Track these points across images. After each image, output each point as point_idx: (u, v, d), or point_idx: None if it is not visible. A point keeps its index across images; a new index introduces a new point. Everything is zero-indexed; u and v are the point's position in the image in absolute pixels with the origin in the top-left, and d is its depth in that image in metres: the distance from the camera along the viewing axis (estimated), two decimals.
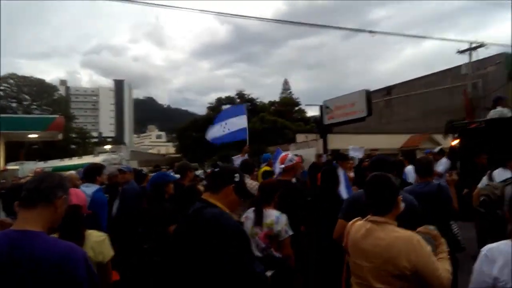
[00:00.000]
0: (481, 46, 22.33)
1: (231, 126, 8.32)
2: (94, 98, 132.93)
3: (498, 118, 7.58)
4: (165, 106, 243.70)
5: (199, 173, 16.22)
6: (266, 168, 7.31)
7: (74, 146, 48.48)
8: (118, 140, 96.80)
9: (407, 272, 1.99)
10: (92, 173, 4.87)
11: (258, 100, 60.58)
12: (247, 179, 4.62)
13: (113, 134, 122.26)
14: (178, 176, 5.04)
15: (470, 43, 22.62)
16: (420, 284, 2.02)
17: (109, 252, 2.58)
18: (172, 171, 9.33)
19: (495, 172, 5.24)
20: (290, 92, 69.85)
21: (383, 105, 36.00)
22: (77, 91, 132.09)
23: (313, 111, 63.80)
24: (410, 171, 7.61)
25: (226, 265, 2.02)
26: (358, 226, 2.28)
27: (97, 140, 77.66)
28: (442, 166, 8.27)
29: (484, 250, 2.02)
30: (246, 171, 5.58)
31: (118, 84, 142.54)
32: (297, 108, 58.49)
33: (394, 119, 35.26)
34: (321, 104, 19.11)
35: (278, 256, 3.26)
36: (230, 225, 2.10)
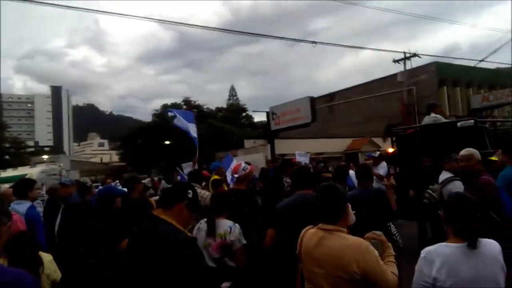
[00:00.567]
0: (414, 55, 23.89)
1: (192, 131, 7.89)
2: (29, 105, 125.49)
3: (433, 124, 8.14)
4: (107, 113, 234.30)
5: (146, 181, 15.79)
6: (215, 177, 7.28)
7: (8, 156, 45.29)
8: (56, 149, 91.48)
9: (358, 277, 2.10)
10: (23, 188, 4.60)
11: (205, 106, 60.21)
12: (199, 190, 4.61)
13: (51, 143, 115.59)
14: (125, 189, 4.90)
15: (404, 53, 24.12)
16: (369, 287, 2.14)
17: (58, 270, 2.62)
18: (118, 183, 9.01)
19: (441, 175, 5.53)
20: (237, 98, 70.29)
21: (327, 110, 37.30)
22: (10, 99, 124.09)
23: (260, 117, 64.64)
24: (353, 175, 7.95)
25: (185, 282, 2.02)
26: (310, 234, 2.37)
27: (33, 149, 72.93)
28: (383, 169, 8.80)
29: (423, 252, 2.19)
30: (196, 181, 5.55)
31: (56, 90, 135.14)
32: (244, 114, 58.92)
33: (337, 124, 36.61)
34: (267, 110, 19.39)
35: (233, 265, 3.28)
36: (183, 242, 2.09)
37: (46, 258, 2.58)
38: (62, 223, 5.34)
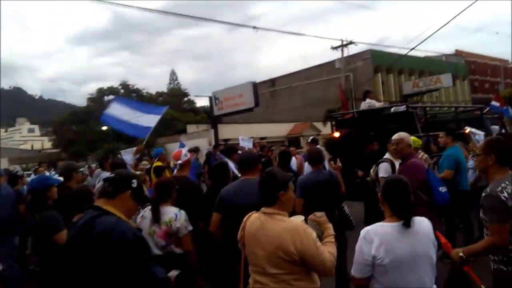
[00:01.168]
0: (351, 43, 24.77)
1: (144, 121, 7.09)
2: None
3: (368, 109, 8.55)
4: (36, 97, 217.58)
5: (83, 169, 15.05)
6: (158, 163, 7.11)
7: None
8: None
9: (295, 257, 2.20)
10: None
11: (145, 90, 58.26)
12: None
13: None
14: (61, 178, 4.63)
15: (342, 40, 24.93)
16: (308, 267, 2.25)
17: None
18: (53, 172, 8.49)
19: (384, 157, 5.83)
20: (178, 83, 68.66)
21: (269, 95, 37.77)
22: None
23: (202, 102, 63.88)
24: (294, 161, 8.12)
25: (129, 274, 1.97)
26: (253, 218, 2.44)
27: None
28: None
29: (362, 232, 2.32)
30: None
31: None
32: (186, 99, 57.86)
33: (279, 109, 37.28)
34: (210, 95, 19.20)
35: (179, 252, 3.26)
36: (127, 234, 2.02)
37: None
38: None
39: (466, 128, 6.72)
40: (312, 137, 10.25)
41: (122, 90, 56.60)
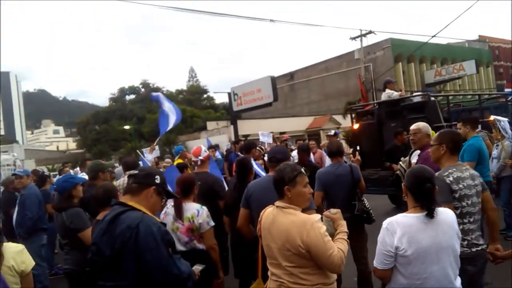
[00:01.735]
0: (370, 32, 24.33)
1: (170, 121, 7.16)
2: None
3: (388, 100, 8.41)
4: (60, 99, 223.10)
5: (117, 170, 15.21)
6: (179, 160, 7.21)
7: None
8: (9, 138, 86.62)
9: (302, 250, 2.21)
10: None
11: (165, 89, 58.96)
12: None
13: (2, 132, 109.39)
14: (86, 177, 4.76)
15: (361, 30, 24.52)
16: (315, 261, 2.24)
17: (30, 261, 2.53)
18: (79, 171, 8.73)
19: None
20: (197, 80, 69.15)
21: (288, 89, 37.57)
22: None
23: (221, 98, 64.15)
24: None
25: (155, 268, 2.01)
26: (268, 212, 2.48)
27: None
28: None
29: (385, 223, 2.30)
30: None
31: (4, 76, 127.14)
32: (205, 95, 58.23)
33: (298, 103, 37.05)
34: (229, 91, 19.26)
35: (202, 248, 3.30)
36: (152, 228, 2.07)
37: (11, 249, 2.44)
38: (19, 214, 5.20)
39: (490, 116, 6.52)
40: (332, 131, 10.16)
41: (143, 89, 57.46)
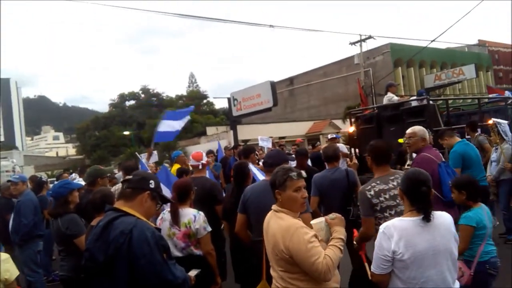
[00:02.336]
0: (369, 37, 24.39)
1: (176, 125, 7.47)
2: None
3: (388, 104, 8.41)
4: (60, 105, 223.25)
5: (118, 175, 15.17)
6: (177, 165, 7.17)
7: None
8: (8, 144, 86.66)
9: (286, 255, 2.17)
10: None
11: (165, 94, 59.04)
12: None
13: (1, 138, 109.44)
14: (82, 183, 4.73)
15: (360, 35, 24.58)
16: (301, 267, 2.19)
17: (15, 270, 2.48)
18: (75, 177, 8.69)
19: None
20: (197, 85, 69.30)
21: (287, 94, 37.61)
22: None
23: (221, 103, 64.19)
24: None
25: (150, 273, 1.98)
26: (267, 216, 2.45)
27: None
28: (344, 149, 9.02)
29: (381, 228, 2.27)
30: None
31: (4, 83, 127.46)
32: (205, 101, 58.29)
33: (298, 108, 37.05)
34: (228, 96, 19.24)
35: (199, 253, 3.27)
36: (146, 233, 2.03)
37: None
38: (15, 221, 5.16)
39: (490, 119, 6.51)
40: (333, 134, 10.12)
41: (143, 95, 57.53)
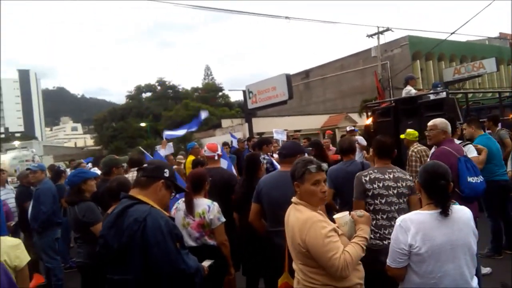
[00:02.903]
0: (387, 30, 23.96)
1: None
2: None
3: (405, 97, 8.26)
4: (79, 96, 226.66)
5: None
6: (192, 157, 7.21)
7: None
8: (28, 134, 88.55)
9: (302, 249, 2.14)
10: None
11: (181, 86, 59.34)
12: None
13: (21, 129, 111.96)
14: (98, 172, 4.79)
15: (378, 27, 24.17)
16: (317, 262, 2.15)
17: (25, 256, 2.48)
18: (90, 166, 8.86)
19: None
20: (213, 78, 69.45)
21: (303, 87, 37.34)
22: None
23: (236, 96, 64.24)
24: None
25: (163, 262, 2.00)
26: (288, 209, 2.41)
27: (3, 136, 70.59)
28: (363, 142, 8.90)
29: (398, 221, 2.23)
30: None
31: (24, 74, 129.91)
32: (220, 93, 58.37)
33: (313, 101, 36.76)
34: (244, 89, 19.21)
35: (213, 243, 3.28)
36: (160, 222, 2.05)
37: (6, 243, 2.40)
38: (34, 208, 5.27)
39: (511, 113, 6.33)
40: (351, 127, 9.96)
41: (159, 87, 57.98)
